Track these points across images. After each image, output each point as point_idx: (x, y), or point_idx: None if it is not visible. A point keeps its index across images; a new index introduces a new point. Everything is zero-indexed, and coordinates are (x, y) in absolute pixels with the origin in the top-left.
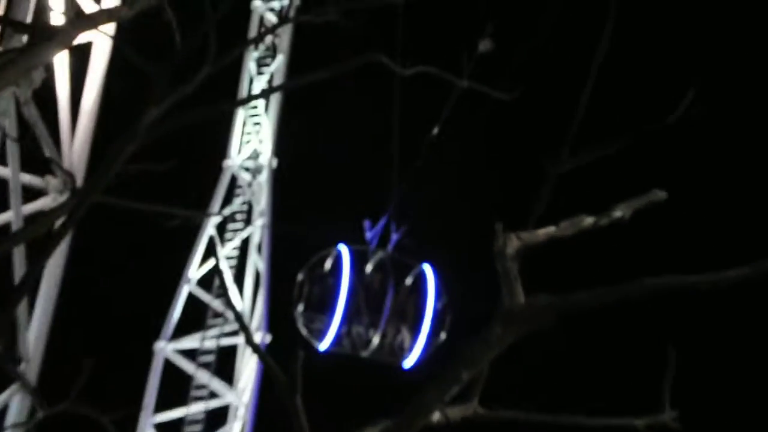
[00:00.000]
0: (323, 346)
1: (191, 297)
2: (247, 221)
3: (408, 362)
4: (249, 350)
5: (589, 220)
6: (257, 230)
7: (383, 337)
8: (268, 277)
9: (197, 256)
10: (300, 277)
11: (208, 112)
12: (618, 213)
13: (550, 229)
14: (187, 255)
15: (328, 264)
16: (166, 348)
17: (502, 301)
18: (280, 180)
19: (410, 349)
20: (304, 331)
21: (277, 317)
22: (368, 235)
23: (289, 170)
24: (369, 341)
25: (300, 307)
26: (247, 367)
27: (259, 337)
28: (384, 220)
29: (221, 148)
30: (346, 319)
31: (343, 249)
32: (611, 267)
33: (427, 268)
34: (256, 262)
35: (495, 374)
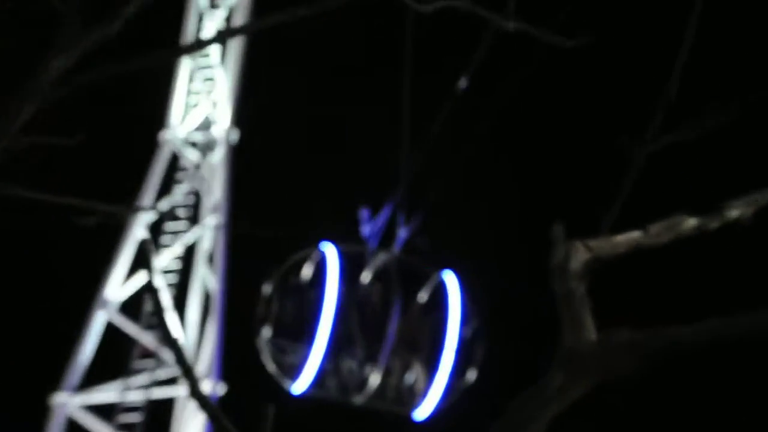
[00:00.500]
0: (299, 387)
1: (110, 328)
2: (194, 219)
3: (421, 413)
4: (193, 405)
5: (691, 222)
6: (207, 232)
7: (386, 375)
8: (222, 299)
9: (120, 269)
10: (267, 289)
11: (138, 63)
12: (734, 212)
13: (634, 235)
14: (104, 267)
15: (306, 271)
16: (69, 402)
17: (563, 337)
18: (241, 160)
19: (424, 394)
20: (271, 367)
21: (235, 356)
22: (365, 230)
23: (254, 146)
24: (365, 382)
25: (266, 333)
26: (190, 428)
27: (208, 386)
28: (388, 209)
29: (158, 115)
30: (333, 349)
31: (329, 249)
32: (716, 286)
33: (449, 278)
34: (206, 278)
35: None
